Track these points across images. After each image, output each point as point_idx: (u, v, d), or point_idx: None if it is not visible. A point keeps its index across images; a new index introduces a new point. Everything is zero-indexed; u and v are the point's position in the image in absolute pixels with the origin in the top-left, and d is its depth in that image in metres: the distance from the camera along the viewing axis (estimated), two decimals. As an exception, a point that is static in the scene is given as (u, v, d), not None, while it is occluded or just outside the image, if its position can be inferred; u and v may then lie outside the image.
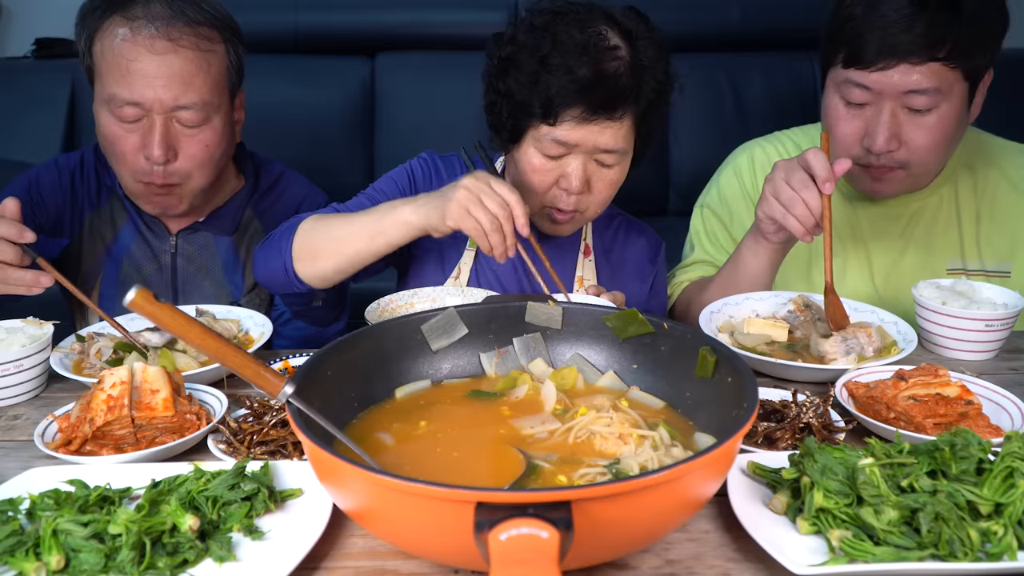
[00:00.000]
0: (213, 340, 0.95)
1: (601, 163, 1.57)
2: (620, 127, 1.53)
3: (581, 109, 1.49)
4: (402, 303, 1.60)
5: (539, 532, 0.71)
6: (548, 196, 1.60)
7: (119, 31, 1.61)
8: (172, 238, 1.84)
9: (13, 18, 3.90)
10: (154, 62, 1.59)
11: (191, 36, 1.63)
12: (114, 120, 1.64)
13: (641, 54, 1.52)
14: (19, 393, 1.37)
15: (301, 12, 3.31)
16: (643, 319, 1.16)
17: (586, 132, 1.51)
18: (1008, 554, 0.89)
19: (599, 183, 1.59)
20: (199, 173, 1.70)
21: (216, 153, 1.71)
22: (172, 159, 1.66)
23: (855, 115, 1.66)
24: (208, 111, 1.66)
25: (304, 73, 3.29)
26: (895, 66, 1.57)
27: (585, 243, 1.78)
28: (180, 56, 1.61)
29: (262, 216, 1.90)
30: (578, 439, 1.04)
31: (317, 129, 3.26)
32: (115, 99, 1.61)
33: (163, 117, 1.62)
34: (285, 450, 1.14)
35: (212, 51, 1.66)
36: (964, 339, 1.49)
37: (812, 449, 1.00)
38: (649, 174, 3.39)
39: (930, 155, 1.66)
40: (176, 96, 1.61)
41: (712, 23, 3.39)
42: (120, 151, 1.66)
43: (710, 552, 0.96)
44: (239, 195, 1.88)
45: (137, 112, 1.62)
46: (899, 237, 1.83)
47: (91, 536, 0.91)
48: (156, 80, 1.59)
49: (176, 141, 1.65)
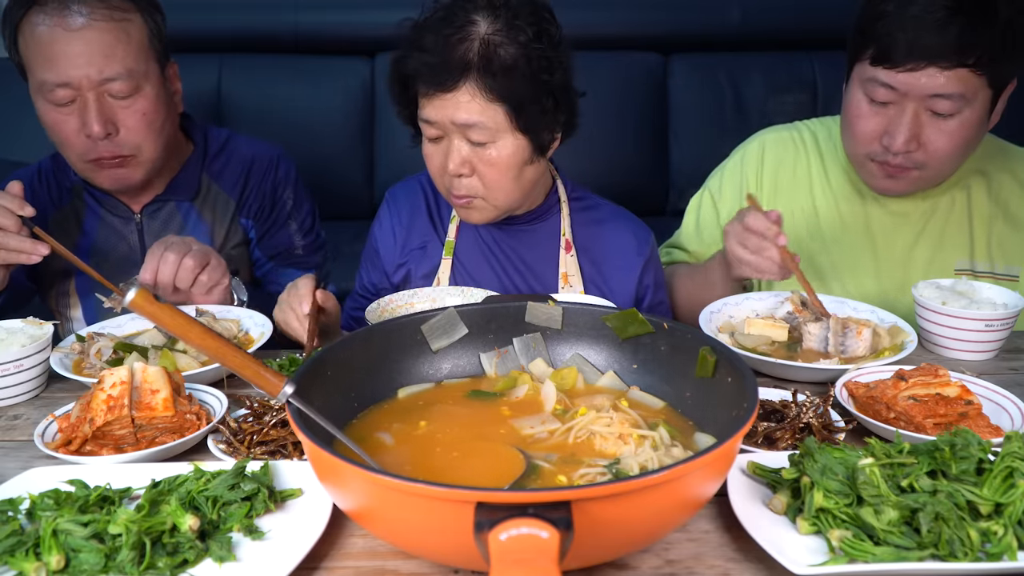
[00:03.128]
0: (213, 340, 0.95)
1: (472, 142, 1.53)
2: (469, 100, 1.49)
3: (423, 83, 1.51)
4: (402, 303, 1.60)
5: (539, 532, 0.71)
6: (443, 181, 1.61)
7: (36, 20, 1.65)
8: (136, 216, 1.88)
9: (13, 18, 3.89)
10: (72, 40, 1.63)
11: (103, 9, 1.66)
12: (50, 107, 1.68)
13: (499, 21, 1.48)
14: (19, 393, 1.37)
15: (301, 12, 3.31)
16: (643, 319, 1.16)
17: (436, 108, 1.51)
18: (1008, 554, 0.89)
19: (479, 164, 1.55)
20: (147, 143, 1.74)
21: (156, 120, 1.75)
22: (114, 133, 1.70)
23: (877, 112, 1.65)
24: (137, 79, 1.70)
25: (304, 73, 3.29)
26: (923, 68, 1.55)
27: (565, 238, 1.75)
28: (96, 29, 1.65)
29: (218, 178, 1.94)
30: (578, 439, 1.04)
31: (317, 129, 3.26)
32: (45, 85, 1.66)
33: (94, 93, 1.66)
34: (285, 450, 1.14)
35: (128, 20, 1.70)
36: (964, 339, 1.49)
37: (812, 449, 1.00)
38: (649, 174, 3.39)
39: (948, 159, 1.65)
40: (100, 69, 1.65)
41: (712, 23, 3.39)
42: (63, 136, 1.70)
43: (710, 552, 0.96)
44: (191, 160, 1.92)
45: (69, 93, 1.66)
46: (909, 235, 1.82)
47: (91, 536, 0.91)
48: (78, 58, 1.64)
49: (113, 114, 1.69)
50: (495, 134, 1.52)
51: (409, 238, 1.79)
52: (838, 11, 3.24)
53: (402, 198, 1.83)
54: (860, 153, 1.71)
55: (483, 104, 1.49)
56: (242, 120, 3.17)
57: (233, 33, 3.26)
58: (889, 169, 1.69)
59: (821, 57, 3.31)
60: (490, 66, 1.47)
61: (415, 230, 1.79)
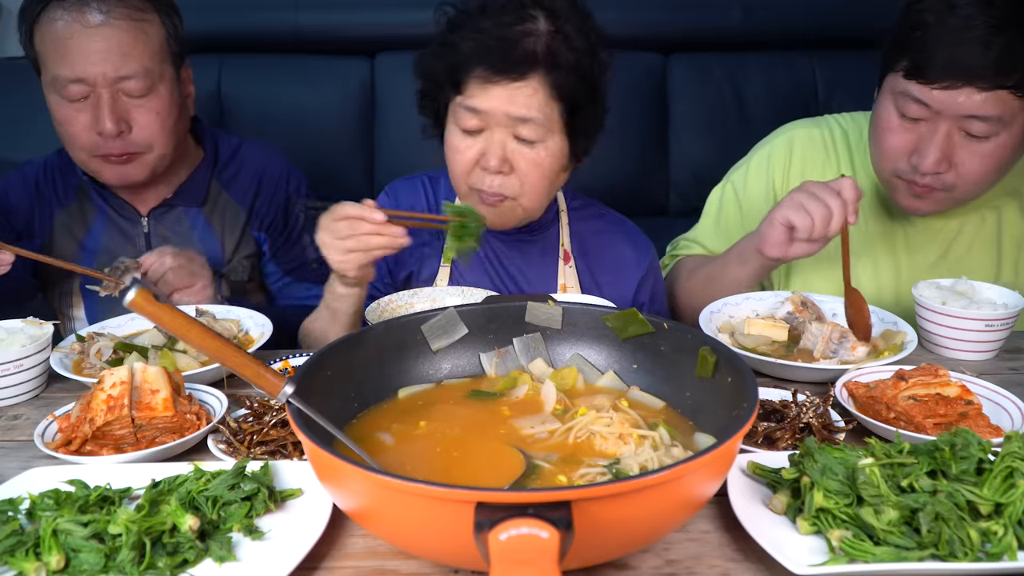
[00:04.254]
0: (213, 340, 0.95)
1: (520, 139, 1.50)
2: (532, 93, 1.46)
3: (482, 68, 1.46)
4: (402, 303, 1.59)
5: (539, 532, 0.71)
6: (472, 178, 1.55)
7: (54, 16, 1.66)
8: (144, 219, 1.87)
9: (13, 18, 3.89)
10: (90, 37, 1.64)
11: (122, 8, 1.67)
12: (62, 102, 1.68)
13: (560, 19, 1.48)
14: (19, 393, 1.37)
15: (301, 12, 3.31)
16: (643, 319, 1.16)
17: (491, 98, 1.47)
18: (1008, 554, 0.89)
19: (522, 162, 1.52)
20: (158, 142, 1.75)
21: (168, 120, 1.75)
22: (126, 131, 1.70)
23: (908, 129, 1.57)
24: (152, 79, 1.70)
25: (304, 73, 3.28)
26: (960, 88, 1.47)
27: (564, 249, 1.73)
28: (115, 27, 1.66)
29: (228, 187, 1.94)
30: (578, 439, 1.04)
31: (317, 129, 3.25)
32: (59, 79, 1.66)
33: (109, 90, 1.67)
34: (285, 450, 1.14)
35: (146, 20, 1.70)
36: (964, 339, 1.49)
37: (812, 449, 1.00)
38: (649, 174, 3.39)
39: (979, 182, 1.59)
40: (117, 67, 1.66)
41: (712, 23, 3.38)
42: (73, 131, 1.70)
43: (710, 552, 0.96)
44: (201, 166, 1.92)
45: (82, 89, 1.66)
46: (933, 253, 1.77)
47: (91, 536, 0.91)
48: (95, 55, 1.64)
49: (126, 113, 1.70)
50: (546, 133, 1.50)
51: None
52: (838, 11, 3.25)
53: (403, 194, 1.81)
54: (887, 168, 1.65)
55: (544, 100, 1.48)
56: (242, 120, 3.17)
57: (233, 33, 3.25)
58: (916, 189, 1.61)
59: (821, 57, 3.30)
60: (556, 62, 1.46)
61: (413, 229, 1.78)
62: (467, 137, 1.53)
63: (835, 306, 1.58)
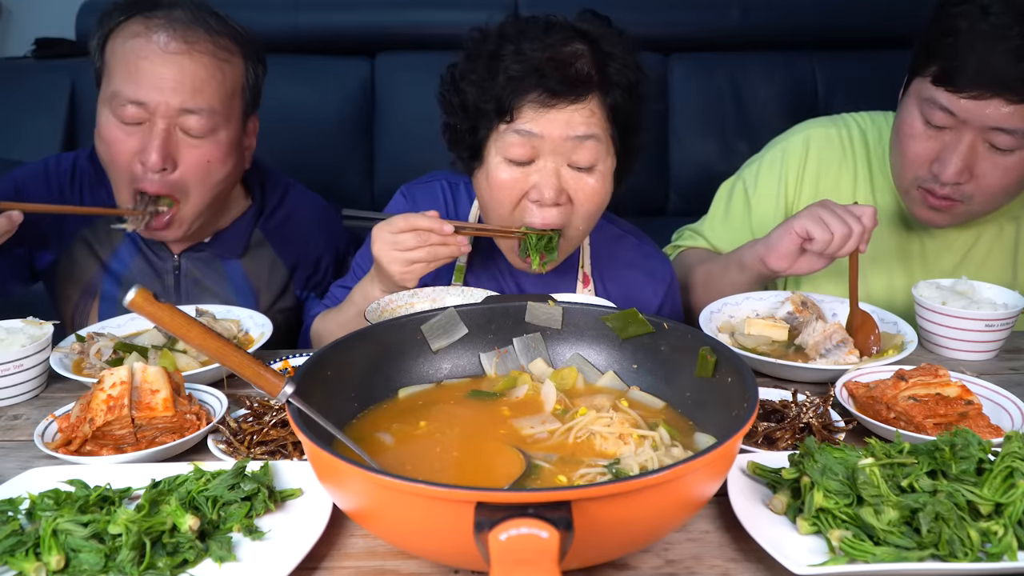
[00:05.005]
0: (213, 340, 0.95)
1: (574, 167, 1.44)
2: (591, 115, 1.42)
3: (539, 92, 1.40)
4: (402, 303, 1.59)
5: (539, 532, 0.71)
6: (520, 212, 1.48)
7: (136, 29, 1.55)
8: (175, 258, 1.75)
9: (13, 18, 3.90)
10: (165, 62, 1.53)
11: (208, 43, 1.57)
12: (114, 121, 1.55)
13: (602, 41, 1.45)
14: (19, 393, 1.37)
15: (301, 12, 3.31)
16: (643, 319, 1.16)
17: (549, 122, 1.41)
18: (1008, 554, 0.89)
19: (579, 193, 1.46)
20: (196, 191, 1.61)
21: (218, 172, 1.62)
22: (170, 169, 1.57)
23: (931, 136, 1.55)
24: (215, 121, 1.58)
25: (304, 73, 3.28)
26: (989, 98, 1.45)
27: (583, 271, 1.69)
28: (193, 60, 1.54)
29: (272, 237, 1.82)
30: (578, 439, 1.04)
31: (317, 129, 3.26)
32: (118, 96, 1.54)
33: (166, 122, 1.54)
34: (285, 450, 1.14)
35: (228, 61, 1.60)
36: (964, 339, 1.49)
37: (812, 449, 1.00)
38: (649, 174, 3.39)
39: (997, 196, 1.57)
40: (184, 100, 1.54)
41: (712, 23, 3.39)
42: (116, 154, 1.57)
43: (710, 552, 0.96)
44: (246, 216, 1.80)
45: (139, 113, 1.54)
46: (949, 262, 1.76)
47: (91, 536, 0.91)
48: (164, 81, 1.53)
49: (176, 150, 1.57)
50: (600, 157, 1.45)
51: None
52: (838, 11, 3.25)
53: (421, 197, 1.75)
54: (907, 175, 1.62)
55: (602, 120, 1.44)
56: (242, 120, 3.17)
57: (233, 33, 3.26)
58: (933, 200, 1.59)
59: (821, 57, 3.30)
60: (610, 82, 1.43)
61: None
62: (516, 168, 1.46)
63: (835, 306, 1.58)
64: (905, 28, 1.87)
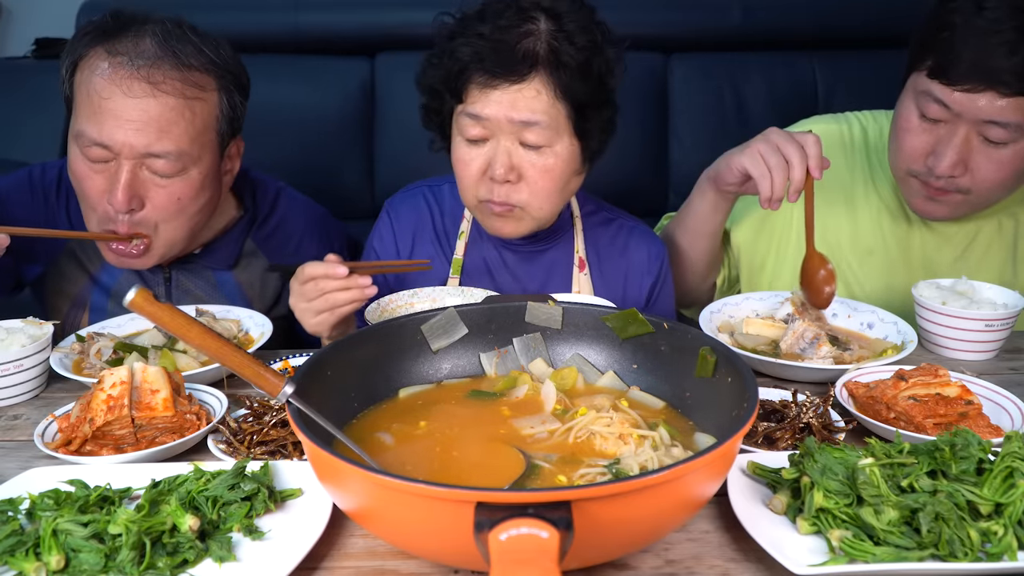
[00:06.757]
0: (213, 340, 0.95)
1: (527, 144, 1.47)
2: (535, 95, 1.43)
3: (480, 74, 1.42)
4: (402, 303, 1.59)
5: (539, 532, 0.71)
6: (480, 189, 1.52)
7: (99, 65, 1.47)
8: (165, 270, 1.71)
9: (13, 18, 3.90)
10: (128, 104, 1.45)
11: (175, 80, 1.48)
12: (82, 158, 1.50)
13: (564, 19, 1.45)
14: (19, 393, 1.37)
15: (301, 12, 3.31)
16: (643, 319, 1.16)
17: (493, 103, 1.43)
18: (1008, 554, 0.89)
19: (530, 170, 1.48)
20: (166, 226, 1.55)
21: (189, 207, 1.56)
22: (138, 208, 1.51)
23: (926, 130, 1.57)
24: (184, 162, 1.51)
25: (304, 73, 3.28)
26: (982, 91, 1.46)
27: (579, 256, 1.70)
28: (159, 101, 1.47)
29: (264, 245, 1.79)
30: (578, 439, 1.04)
31: (317, 129, 3.25)
32: (83, 136, 1.48)
33: (132, 163, 1.48)
34: (285, 450, 1.14)
35: (199, 99, 1.52)
36: (964, 339, 1.49)
37: (812, 449, 1.00)
38: (649, 174, 3.39)
39: (994, 189, 1.58)
40: (148, 143, 1.47)
41: (712, 23, 3.39)
42: (86, 189, 1.52)
43: (710, 552, 0.96)
44: (237, 226, 1.76)
45: (104, 154, 1.48)
46: (948, 257, 1.76)
47: (91, 536, 0.91)
48: (128, 124, 1.46)
49: (144, 189, 1.51)
50: (553, 136, 1.46)
51: (414, 254, 1.73)
52: (838, 11, 3.25)
53: (404, 211, 1.75)
54: (903, 168, 1.64)
55: (549, 101, 1.44)
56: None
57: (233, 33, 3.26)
58: (930, 191, 1.61)
59: (821, 57, 3.30)
60: (559, 61, 1.43)
61: (420, 246, 1.73)
62: (472, 147, 1.50)
63: (836, 307, 1.58)
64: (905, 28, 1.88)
